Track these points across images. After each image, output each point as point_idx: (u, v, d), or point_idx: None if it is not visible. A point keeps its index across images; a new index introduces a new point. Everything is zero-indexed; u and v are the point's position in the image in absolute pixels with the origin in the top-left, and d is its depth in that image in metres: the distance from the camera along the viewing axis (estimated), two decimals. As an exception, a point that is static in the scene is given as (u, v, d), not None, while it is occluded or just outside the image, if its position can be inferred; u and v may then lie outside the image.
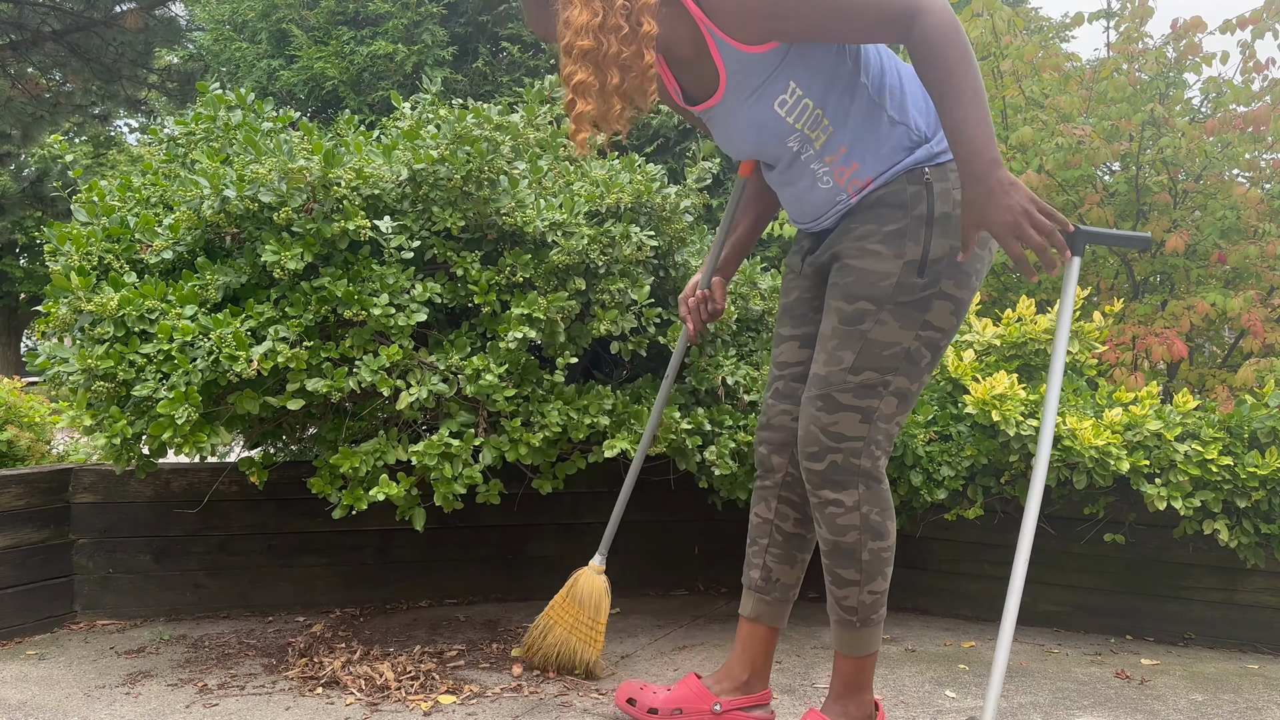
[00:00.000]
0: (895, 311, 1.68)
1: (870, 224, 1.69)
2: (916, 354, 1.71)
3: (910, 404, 1.77)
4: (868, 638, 1.82)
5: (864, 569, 1.78)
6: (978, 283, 1.74)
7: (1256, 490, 2.46)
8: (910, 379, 1.73)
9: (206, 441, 2.20)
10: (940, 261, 1.66)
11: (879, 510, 1.76)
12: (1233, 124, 3.37)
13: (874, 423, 1.72)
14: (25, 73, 9.08)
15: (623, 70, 1.61)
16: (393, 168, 2.35)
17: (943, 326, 1.71)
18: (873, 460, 1.74)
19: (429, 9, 4.39)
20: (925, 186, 1.67)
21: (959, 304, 1.71)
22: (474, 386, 2.25)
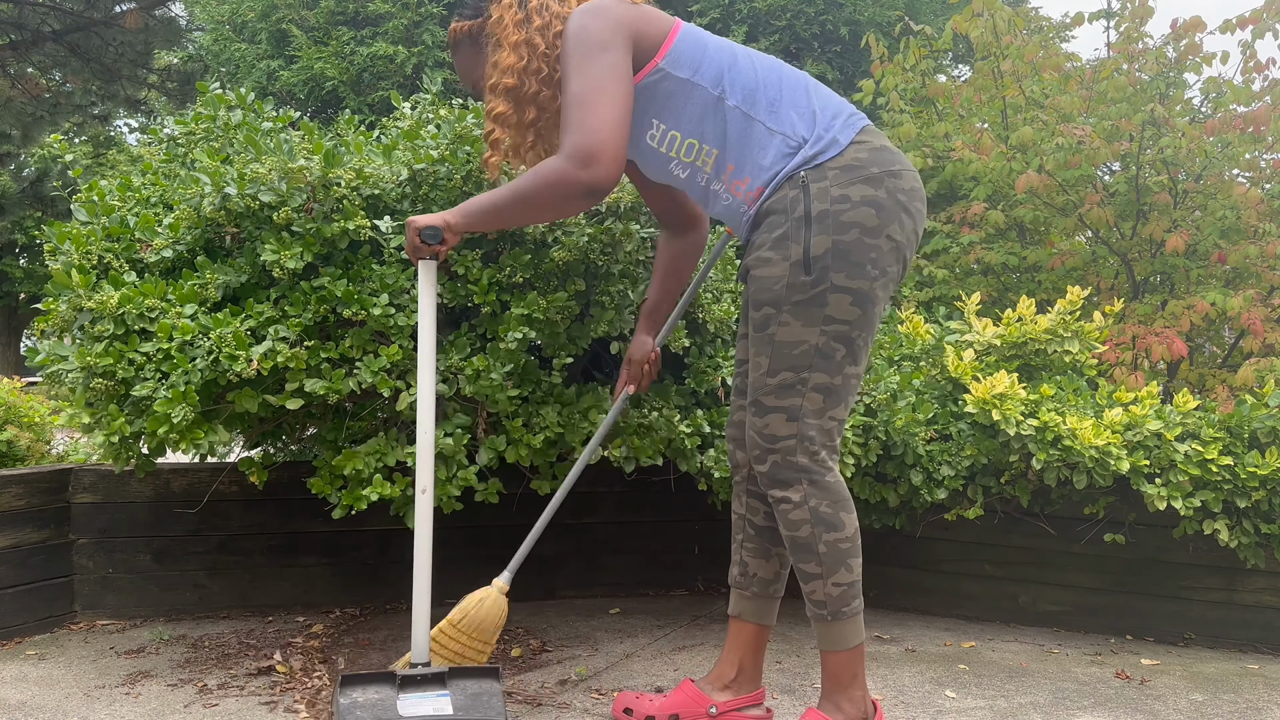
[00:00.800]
0: (794, 311, 1.76)
1: (763, 234, 1.80)
2: (827, 349, 1.77)
3: (840, 398, 1.81)
4: (843, 630, 1.83)
5: (823, 561, 1.81)
6: (879, 271, 1.77)
7: (1256, 490, 2.46)
8: (829, 374, 1.78)
9: (204, 439, 2.19)
10: (824, 257, 1.73)
11: (829, 503, 1.80)
12: (1233, 124, 3.37)
13: (801, 420, 1.78)
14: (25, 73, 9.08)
15: (539, 109, 1.88)
16: (393, 168, 2.35)
17: (847, 319, 1.76)
18: (811, 456, 1.79)
19: (429, 9, 4.39)
20: (802, 189, 1.75)
21: (858, 294, 1.76)
22: (474, 387, 2.25)
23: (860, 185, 1.75)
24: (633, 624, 2.80)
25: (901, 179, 1.79)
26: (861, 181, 1.75)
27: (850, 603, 1.82)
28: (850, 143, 1.78)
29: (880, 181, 1.76)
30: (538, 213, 1.81)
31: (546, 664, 2.45)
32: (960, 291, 3.62)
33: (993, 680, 2.35)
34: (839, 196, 1.74)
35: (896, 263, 1.80)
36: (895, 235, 1.78)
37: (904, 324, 2.92)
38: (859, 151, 1.78)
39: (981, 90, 3.97)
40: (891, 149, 1.83)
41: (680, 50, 1.84)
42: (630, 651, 2.55)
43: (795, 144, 1.79)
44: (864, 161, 1.77)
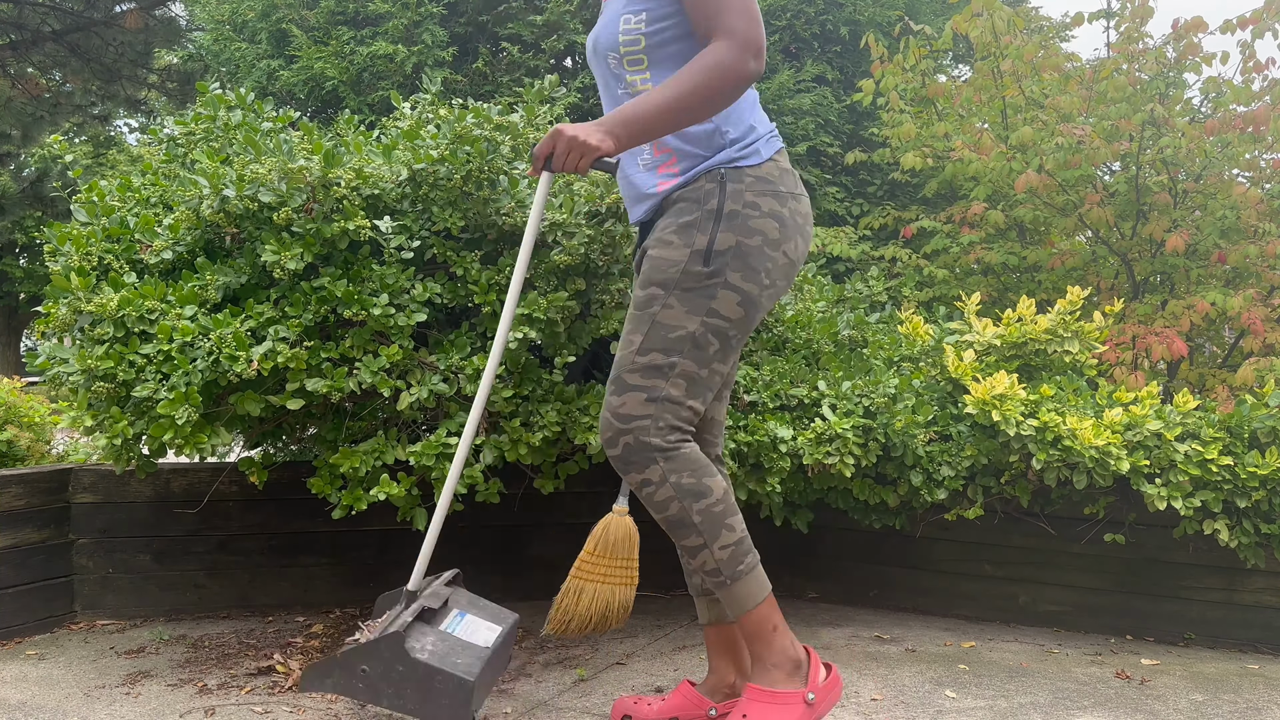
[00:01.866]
0: (681, 296, 1.77)
1: (670, 219, 1.82)
2: (703, 340, 1.79)
3: (701, 391, 1.81)
4: (745, 589, 1.82)
5: (702, 530, 1.80)
6: (770, 281, 1.81)
7: (1256, 490, 2.46)
8: (697, 364, 1.79)
9: (207, 442, 2.20)
10: (725, 254, 1.77)
11: (689, 473, 1.80)
12: (1233, 124, 3.37)
13: (660, 402, 1.79)
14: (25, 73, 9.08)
15: None
16: (393, 168, 2.35)
17: (730, 317, 1.79)
18: (662, 435, 1.79)
19: (429, 9, 4.39)
20: (719, 184, 1.79)
21: (747, 298, 1.79)
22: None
23: (770, 198, 1.81)
24: (633, 624, 2.80)
25: (801, 203, 1.87)
26: (771, 195, 1.81)
27: (743, 559, 1.82)
28: (769, 158, 1.84)
29: (786, 200, 1.83)
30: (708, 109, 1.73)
31: (547, 664, 2.45)
32: (960, 291, 3.62)
33: (993, 680, 2.35)
34: (750, 202, 1.79)
35: (784, 279, 1.86)
36: (790, 253, 1.84)
37: (904, 324, 2.92)
38: (773, 168, 1.84)
39: (981, 90, 3.97)
40: (795, 174, 1.91)
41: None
42: (630, 651, 2.55)
43: (722, 142, 1.82)
44: (776, 178, 1.83)
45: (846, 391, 2.59)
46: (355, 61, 4.43)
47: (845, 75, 4.66)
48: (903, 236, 4.07)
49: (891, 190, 4.67)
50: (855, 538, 3.07)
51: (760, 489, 2.52)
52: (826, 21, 4.49)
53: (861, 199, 4.59)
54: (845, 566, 3.10)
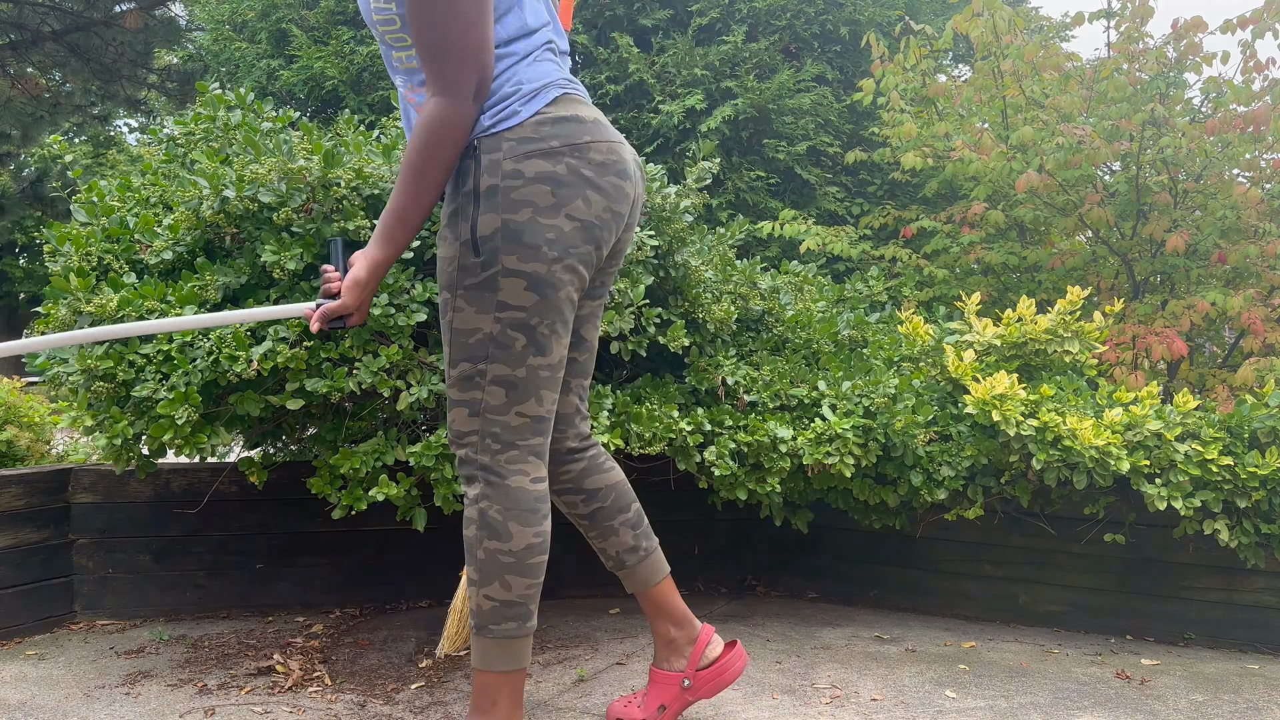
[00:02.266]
0: (466, 296, 1.63)
1: (443, 206, 1.68)
2: (503, 338, 1.63)
3: (528, 392, 1.67)
4: (489, 650, 1.70)
5: (480, 569, 1.70)
6: (559, 254, 1.62)
7: (1257, 490, 2.46)
8: (509, 365, 1.64)
9: (207, 443, 2.20)
10: (494, 237, 1.59)
11: (500, 509, 1.68)
12: (1233, 124, 3.36)
13: (482, 415, 1.67)
14: (25, 73, 9.08)
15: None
16: (393, 168, 2.35)
17: (523, 304, 1.62)
18: (492, 455, 1.68)
19: (429, 9, 4.39)
20: (474, 159, 1.61)
21: (534, 279, 1.61)
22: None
23: (537, 159, 1.59)
24: (633, 624, 2.80)
25: (589, 152, 1.63)
26: (539, 155, 1.60)
27: (500, 623, 1.69)
28: (534, 114, 1.62)
29: (560, 156, 1.61)
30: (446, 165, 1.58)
31: (547, 664, 2.45)
32: (960, 291, 3.62)
33: (993, 680, 2.35)
34: (511, 171, 1.59)
35: (586, 243, 1.65)
36: (579, 214, 1.62)
37: (904, 324, 2.92)
38: (540, 122, 1.61)
39: (981, 90, 3.97)
40: (585, 119, 1.65)
41: None
42: (630, 651, 2.55)
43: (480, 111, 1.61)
44: (544, 134, 1.61)
45: (846, 391, 2.59)
46: (355, 61, 4.42)
47: (845, 75, 4.66)
48: (903, 236, 4.07)
49: (891, 190, 4.67)
50: (855, 538, 3.07)
51: (760, 489, 2.52)
52: (826, 21, 4.48)
53: (861, 199, 4.59)
54: (845, 566, 3.10)
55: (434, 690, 2.25)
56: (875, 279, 3.45)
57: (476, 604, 1.71)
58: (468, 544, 1.72)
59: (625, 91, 4.35)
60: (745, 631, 2.73)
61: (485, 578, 1.70)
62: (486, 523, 1.69)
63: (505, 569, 1.69)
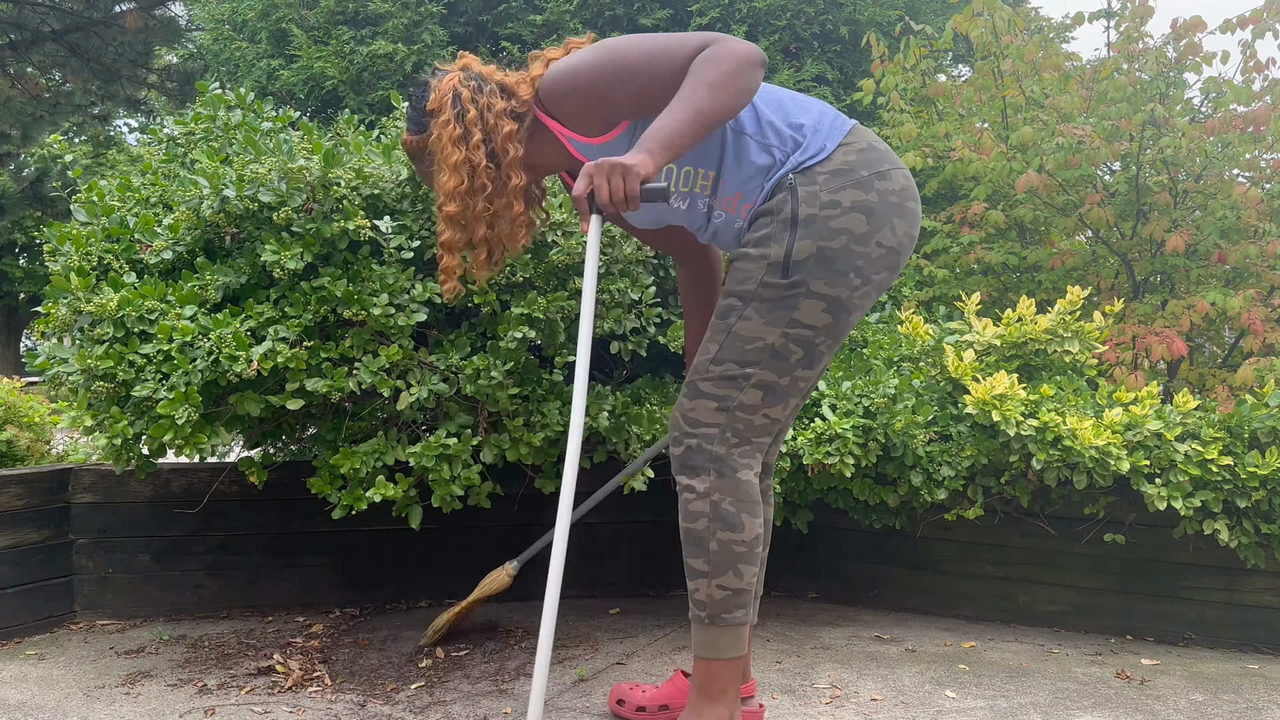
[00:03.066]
0: (759, 308, 1.73)
1: (751, 234, 1.77)
2: (783, 350, 1.74)
3: (782, 399, 1.77)
4: (720, 638, 1.77)
5: (712, 559, 1.76)
6: (860, 280, 1.73)
7: (1257, 490, 2.46)
8: (777, 374, 1.75)
9: (207, 443, 2.20)
10: (806, 262, 1.70)
11: (732, 500, 1.75)
12: (1233, 124, 3.36)
13: (731, 411, 1.75)
14: (25, 73, 9.08)
15: (488, 224, 1.79)
16: (392, 167, 2.35)
17: (815, 324, 1.73)
18: (728, 448, 1.76)
19: (429, 9, 4.39)
20: (790, 191, 1.72)
21: (834, 302, 1.72)
22: (474, 386, 2.25)
23: (851, 190, 1.71)
24: (633, 624, 2.80)
25: (890, 179, 1.75)
26: (852, 186, 1.71)
27: (733, 611, 1.77)
28: (838, 146, 1.74)
29: (871, 185, 1.72)
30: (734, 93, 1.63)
31: (546, 664, 2.45)
32: (960, 291, 3.62)
33: (993, 680, 2.35)
34: (828, 202, 1.70)
35: (885, 269, 1.76)
36: (886, 240, 1.74)
37: (904, 324, 2.92)
38: (846, 154, 1.74)
39: (981, 90, 3.97)
40: (879, 148, 1.78)
41: None
42: (630, 651, 2.55)
43: (784, 153, 1.76)
44: (852, 164, 1.73)
45: (846, 391, 2.59)
46: (355, 61, 4.42)
47: (845, 75, 4.66)
48: (903, 236, 4.06)
49: (891, 190, 4.66)
50: (855, 538, 3.07)
51: (760, 489, 2.52)
52: (826, 21, 4.48)
53: (861, 199, 4.58)
54: (845, 566, 3.10)
55: (434, 690, 2.25)
56: (875, 279, 3.44)
57: (708, 595, 1.77)
58: (695, 536, 1.77)
59: (625, 91, 4.34)
60: (745, 631, 2.73)
61: (719, 568, 1.76)
62: (720, 514, 1.75)
63: (739, 559, 1.76)
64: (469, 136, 1.75)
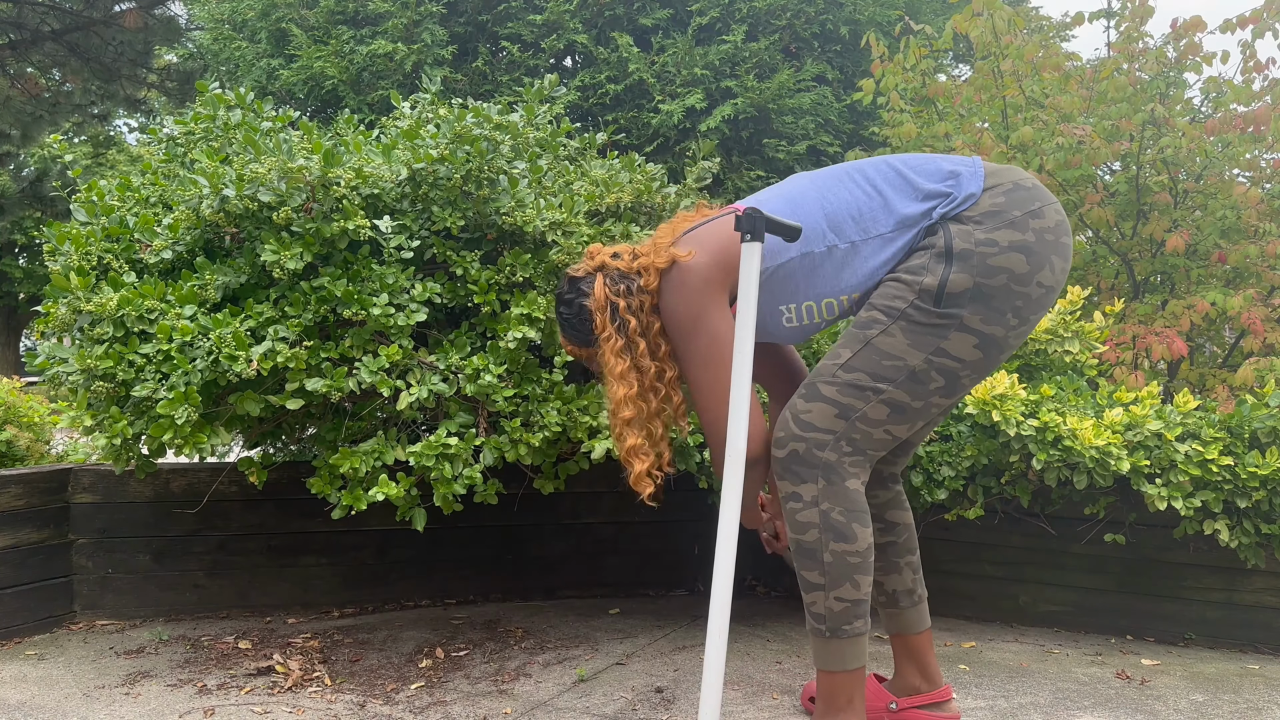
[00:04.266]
0: (907, 328, 1.70)
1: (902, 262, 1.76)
2: (924, 375, 1.71)
3: (907, 419, 1.75)
4: (841, 650, 1.77)
5: (828, 572, 1.74)
6: (1018, 321, 1.70)
7: (1257, 490, 2.46)
8: (911, 396, 1.72)
9: (206, 442, 2.19)
10: (961, 295, 1.67)
11: (841, 510, 1.73)
12: (1233, 124, 3.36)
13: (852, 421, 1.73)
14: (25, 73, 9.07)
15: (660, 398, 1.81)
16: (392, 167, 2.34)
17: (962, 357, 1.70)
18: (840, 455, 1.73)
19: (429, 8, 4.39)
20: (942, 226, 1.70)
21: (987, 340, 1.69)
22: (474, 386, 2.25)
23: (1006, 230, 1.67)
24: (633, 624, 2.80)
25: (1045, 216, 1.70)
26: (1007, 226, 1.67)
27: (852, 622, 1.76)
28: (983, 190, 1.71)
29: (1025, 225, 1.68)
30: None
31: (546, 664, 2.45)
32: (960, 291, 3.61)
33: (993, 680, 2.35)
34: (984, 240, 1.67)
35: (1041, 309, 1.72)
36: (1046, 280, 1.69)
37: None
38: (995, 197, 1.70)
39: (981, 90, 3.97)
40: (1027, 185, 1.72)
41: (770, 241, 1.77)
42: (630, 651, 2.55)
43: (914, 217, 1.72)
44: (1002, 206, 1.69)
45: (846, 391, 2.59)
46: (355, 61, 4.42)
47: (845, 75, 4.66)
48: (903, 236, 4.06)
49: (891, 190, 4.66)
50: (855, 538, 3.06)
51: (760, 489, 2.52)
52: (826, 21, 4.48)
53: (861, 199, 4.58)
54: (845, 566, 3.09)
55: (434, 690, 2.25)
56: (875, 279, 3.44)
57: (826, 607, 1.75)
58: (808, 548, 1.75)
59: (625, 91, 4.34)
60: (745, 631, 2.73)
61: (835, 580, 1.74)
62: (831, 525, 1.73)
63: (854, 569, 1.74)
64: (633, 347, 1.78)
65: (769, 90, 4.23)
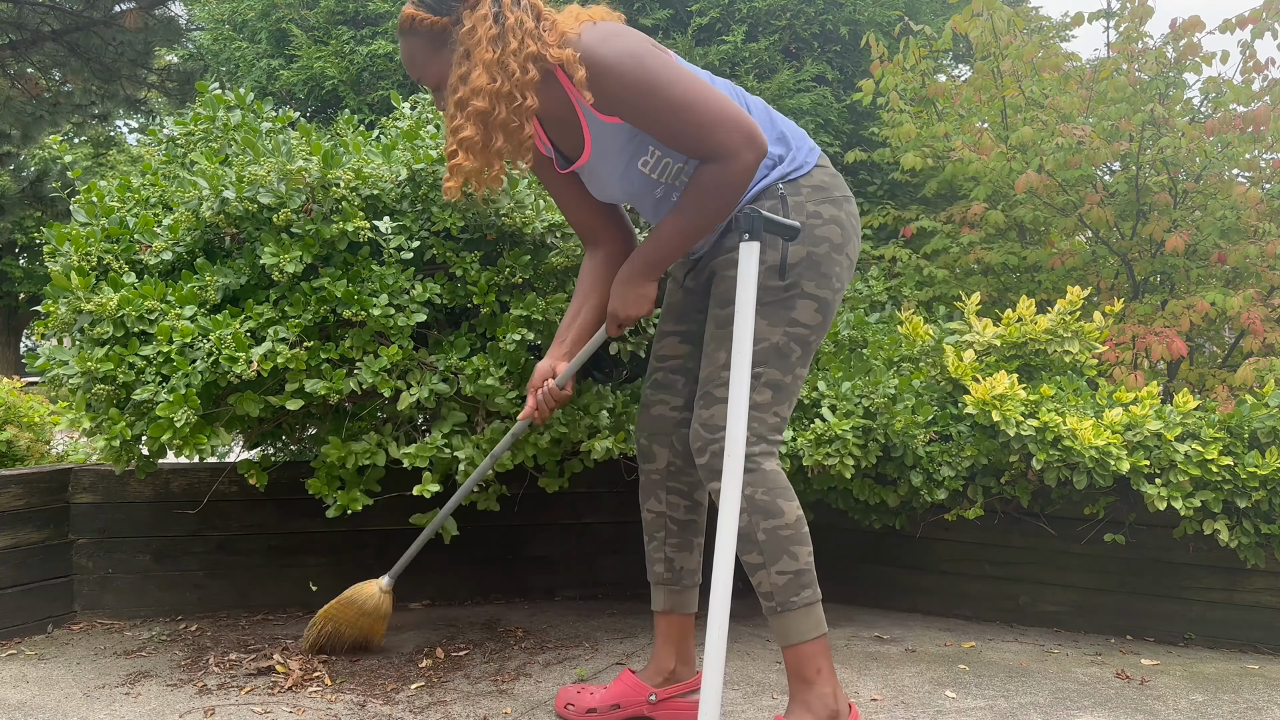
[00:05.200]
0: (761, 310, 1.82)
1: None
2: (785, 348, 1.85)
3: (787, 395, 1.87)
4: (796, 623, 1.82)
5: (763, 549, 1.82)
6: (840, 284, 1.90)
7: (1257, 490, 2.46)
8: (782, 371, 1.85)
9: (206, 443, 2.20)
10: (799, 265, 1.83)
11: (765, 490, 1.82)
12: (1233, 124, 3.36)
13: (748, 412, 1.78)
14: (25, 73, 9.07)
15: (507, 135, 1.76)
16: (392, 168, 2.35)
17: (809, 323, 1.86)
18: (749, 447, 1.82)
19: (429, 9, 4.39)
20: (780, 200, 1.84)
21: (823, 303, 1.87)
22: (474, 387, 2.25)
23: (828, 205, 1.87)
24: (632, 624, 2.80)
25: (852, 204, 1.93)
26: (829, 202, 1.87)
27: (799, 592, 1.82)
28: (815, 166, 1.90)
29: (841, 204, 1.89)
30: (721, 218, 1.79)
31: (547, 664, 2.45)
32: (960, 291, 3.62)
33: (993, 680, 2.35)
34: (812, 212, 1.85)
35: (848, 281, 1.93)
36: (851, 254, 1.91)
37: (904, 324, 2.92)
38: (823, 175, 1.90)
39: (981, 90, 3.97)
40: (840, 176, 1.95)
41: None
42: (630, 651, 2.55)
43: (771, 161, 1.86)
44: (828, 184, 1.89)
45: (846, 392, 2.59)
46: (355, 61, 4.42)
47: (845, 75, 4.66)
48: (902, 236, 4.07)
49: (891, 190, 4.67)
50: (855, 538, 3.06)
51: (760, 489, 2.52)
52: (826, 21, 4.48)
53: (861, 198, 4.59)
54: (845, 566, 3.10)
55: (434, 690, 2.25)
56: (875, 279, 3.44)
57: (771, 584, 1.83)
58: (742, 533, 1.82)
59: (625, 91, 4.34)
60: (745, 631, 2.73)
61: (772, 555, 1.82)
62: (757, 506, 1.82)
63: (789, 541, 1.83)
64: (505, 41, 1.71)
65: (769, 90, 4.23)
